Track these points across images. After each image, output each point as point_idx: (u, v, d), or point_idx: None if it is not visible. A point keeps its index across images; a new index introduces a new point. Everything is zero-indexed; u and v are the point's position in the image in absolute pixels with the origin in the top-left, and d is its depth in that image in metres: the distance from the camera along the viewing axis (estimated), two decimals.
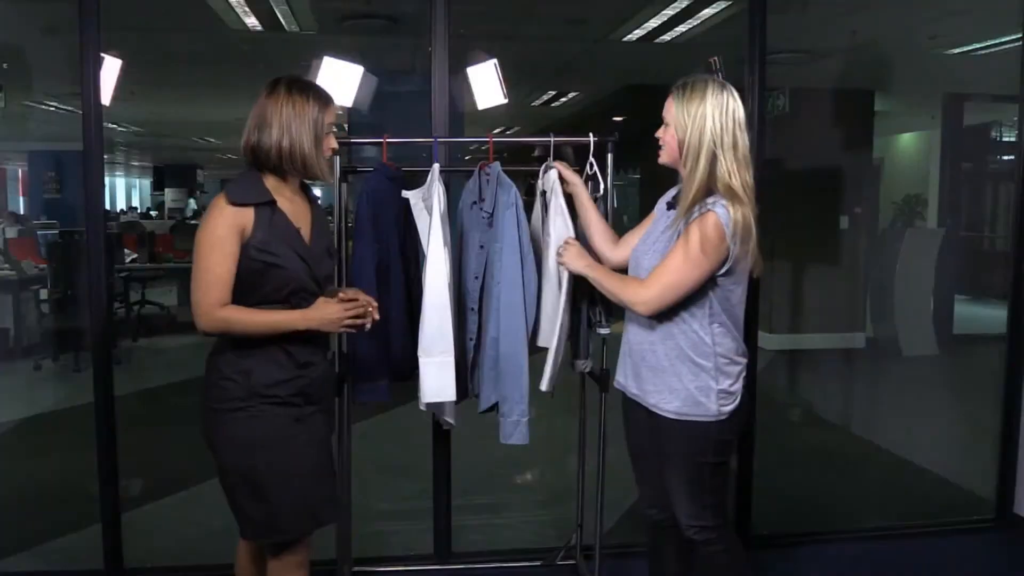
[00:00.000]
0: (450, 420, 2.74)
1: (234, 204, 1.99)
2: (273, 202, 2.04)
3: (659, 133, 2.18)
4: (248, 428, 2.02)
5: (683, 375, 2.10)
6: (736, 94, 2.08)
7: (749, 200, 2.03)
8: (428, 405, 2.62)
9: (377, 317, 2.08)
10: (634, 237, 2.31)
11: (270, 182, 2.07)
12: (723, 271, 2.04)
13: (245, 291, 2.00)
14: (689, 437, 2.11)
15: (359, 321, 2.06)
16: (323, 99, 2.08)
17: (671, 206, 2.18)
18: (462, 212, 2.71)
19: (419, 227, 2.65)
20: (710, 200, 2.03)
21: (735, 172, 2.03)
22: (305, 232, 2.09)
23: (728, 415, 2.11)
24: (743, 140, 2.06)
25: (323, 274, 2.14)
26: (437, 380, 2.51)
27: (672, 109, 2.11)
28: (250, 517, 2.05)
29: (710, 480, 2.15)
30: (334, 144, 2.13)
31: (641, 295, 2.09)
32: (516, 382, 2.55)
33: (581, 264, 2.32)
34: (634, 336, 2.20)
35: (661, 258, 2.08)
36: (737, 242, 2.00)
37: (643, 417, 2.20)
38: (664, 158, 2.18)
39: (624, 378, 2.27)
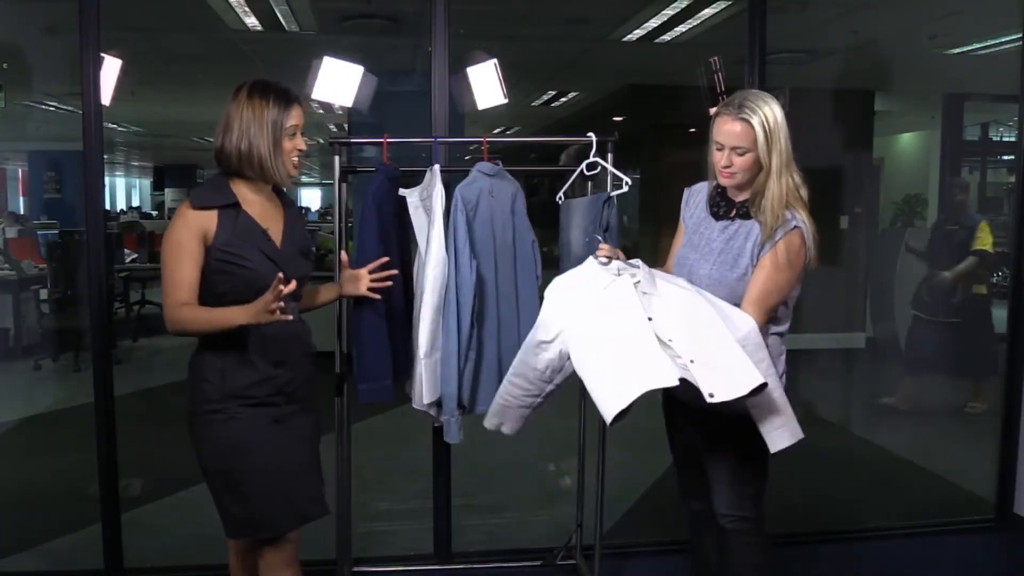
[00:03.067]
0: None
1: (196, 208, 2.02)
2: (237, 204, 2.05)
3: (732, 160, 2.09)
4: (225, 430, 2.04)
5: None
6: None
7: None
8: (427, 405, 2.62)
9: (284, 289, 1.87)
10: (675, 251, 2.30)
11: (239, 185, 2.08)
12: None
13: (217, 292, 2.02)
14: (741, 428, 2.09)
15: (276, 304, 1.87)
16: (285, 100, 2.07)
17: (718, 215, 2.17)
18: None
19: (415, 226, 2.65)
20: (787, 215, 2.06)
21: (797, 176, 2.08)
22: (275, 233, 2.10)
23: None
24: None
25: (296, 275, 2.12)
26: (437, 379, 2.51)
27: (752, 135, 2.05)
28: (233, 515, 2.08)
29: (752, 471, 2.17)
30: (301, 145, 2.11)
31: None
32: (448, 382, 2.56)
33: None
34: None
35: (730, 271, 2.10)
36: (811, 249, 2.09)
37: (693, 415, 2.19)
38: (738, 181, 2.12)
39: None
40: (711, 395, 1.87)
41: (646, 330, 1.95)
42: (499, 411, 2.33)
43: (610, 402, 1.91)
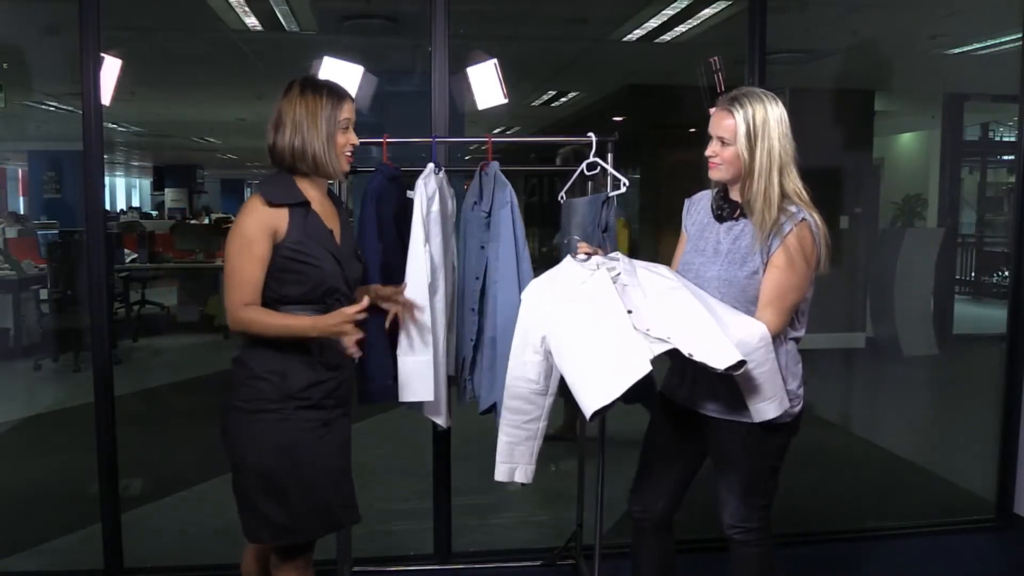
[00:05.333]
0: (439, 421, 2.72)
1: (269, 204, 1.99)
2: (307, 203, 2.04)
3: (715, 151, 2.09)
4: (278, 431, 2.00)
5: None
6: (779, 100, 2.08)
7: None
8: (409, 405, 2.62)
9: (359, 334, 1.96)
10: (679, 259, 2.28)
11: (302, 183, 2.07)
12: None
13: (282, 291, 2.01)
14: (754, 440, 2.09)
15: (346, 331, 1.96)
16: (337, 95, 2.08)
17: (722, 218, 2.15)
18: (464, 212, 2.72)
19: None
20: (793, 209, 2.04)
21: (797, 180, 2.06)
22: (336, 234, 2.10)
23: (793, 418, 2.11)
24: (794, 147, 2.07)
25: (353, 276, 2.14)
26: (414, 379, 2.51)
27: (734, 127, 2.04)
28: (266, 518, 2.03)
29: (765, 483, 2.15)
30: (354, 139, 2.12)
31: (772, 329, 2.01)
32: None
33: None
34: None
35: (739, 270, 2.06)
36: (822, 247, 2.05)
37: (686, 419, 2.19)
38: (722, 175, 2.11)
39: (676, 387, 2.22)
40: (691, 354, 1.85)
41: (624, 323, 1.92)
42: (507, 453, 2.23)
43: (590, 399, 1.88)
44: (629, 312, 1.96)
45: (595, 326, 1.97)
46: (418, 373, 2.51)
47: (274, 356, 2.01)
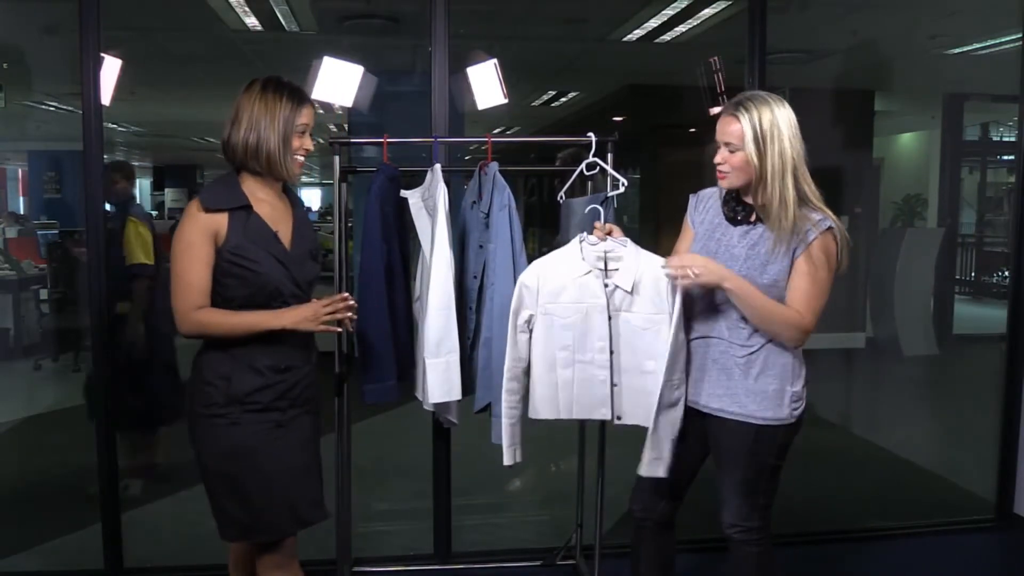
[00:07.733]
0: (453, 420, 2.74)
1: (207, 210, 1.99)
2: (248, 206, 2.03)
3: (723, 157, 2.07)
4: (228, 435, 2.02)
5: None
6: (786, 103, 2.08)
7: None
8: (435, 405, 2.62)
9: (353, 316, 2.02)
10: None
11: (248, 184, 2.07)
12: None
13: (226, 295, 2.01)
14: (758, 439, 2.10)
15: (338, 316, 2.01)
16: (297, 98, 2.07)
17: (736, 221, 2.13)
18: (463, 212, 2.72)
19: (418, 227, 2.65)
20: (817, 217, 2.04)
21: (811, 182, 2.06)
22: (284, 235, 2.09)
23: (796, 418, 2.13)
24: (804, 147, 2.06)
25: (305, 278, 2.12)
26: (444, 380, 2.51)
27: (740, 132, 2.02)
28: (232, 518, 2.07)
29: (767, 482, 2.16)
30: (308, 145, 2.11)
31: (805, 325, 2.05)
32: None
33: (720, 274, 2.03)
34: (718, 343, 2.14)
35: (759, 277, 2.06)
36: (844, 251, 2.09)
37: (688, 418, 2.19)
38: (732, 182, 2.09)
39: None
40: (619, 417, 2.22)
41: (600, 379, 2.25)
42: (510, 436, 2.33)
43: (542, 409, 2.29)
44: (612, 352, 2.23)
45: (569, 367, 2.27)
46: (448, 374, 2.51)
47: (222, 361, 2.02)
